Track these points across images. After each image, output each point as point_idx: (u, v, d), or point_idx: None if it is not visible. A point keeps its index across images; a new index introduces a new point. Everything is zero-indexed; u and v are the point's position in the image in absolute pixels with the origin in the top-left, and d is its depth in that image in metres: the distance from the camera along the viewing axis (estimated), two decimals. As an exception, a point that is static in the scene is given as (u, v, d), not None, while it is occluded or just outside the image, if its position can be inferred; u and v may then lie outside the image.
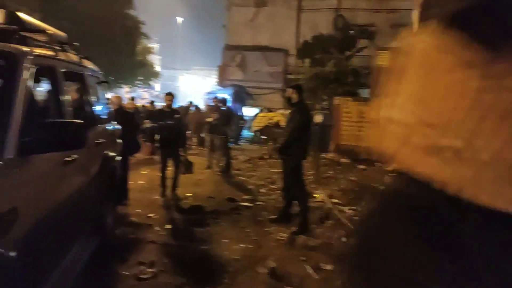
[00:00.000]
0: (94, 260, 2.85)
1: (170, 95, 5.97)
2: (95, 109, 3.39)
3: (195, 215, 4.88)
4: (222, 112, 7.88)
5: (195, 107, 12.84)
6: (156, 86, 67.35)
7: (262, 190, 6.53)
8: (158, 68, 61.31)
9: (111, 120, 5.40)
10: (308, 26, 19.39)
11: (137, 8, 22.48)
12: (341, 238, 4.37)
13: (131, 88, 32.56)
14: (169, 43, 71.07)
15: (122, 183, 5.20)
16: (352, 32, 14.08)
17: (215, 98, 8.30)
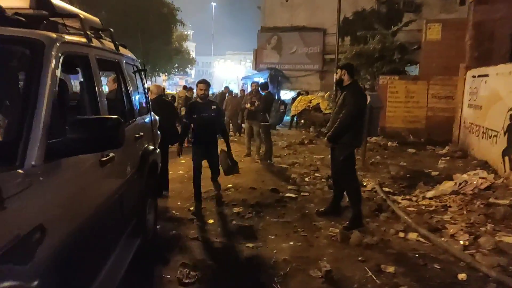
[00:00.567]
0: (135, 262, 2.66)
1: (203, 83, 4.61)
2: (133, 100, 3.16)
3: (237, 208, 4.64)
4: (262, 98, 7.53)
5: (229, 92, 12.49)
6: (192, 73, 68.40)
7: (306, 179, 6.16)
8: (192, 54, 62.04)
9: (150, 110, 5.26)
10: (348, 2, 18.32)
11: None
12: (399, 233, 3.95)
13: (168, 76, 32.99)
14: (204, 29, 71.33)
15: (162, 175, 5.07)
16: (397, 5, 13.04)
17: (254, 83, 7.94)
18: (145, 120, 3.48)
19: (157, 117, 4.05)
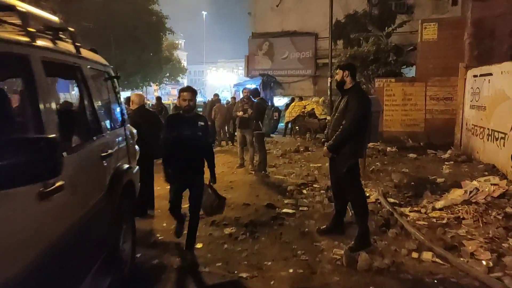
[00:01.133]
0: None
1: (188, 92, 3.49)
2: (100, 112, 2.69)
3: (229, 229, 4.15)
4: (254, 105, 7.09)
5: (218, 100, 11.90)
6: (184, 82, 68.07)
7: (304, 191, 5.70)
8: (184, 63, 61.81)
9: (130, 122, 4.77)
10: (339, 5, 18.08)
11: (161, 4, 22.01)
12: (412, 253, 3.50)
13: (159, 86, 32.51)
14: (195, 38, 71.26)
15: (146, 192, 4.59)
16: (389, 6, 12.76)
17: (245, 89, 7.50)
18: (117, 134, 3.01)
19: (134, 130, 3.58)
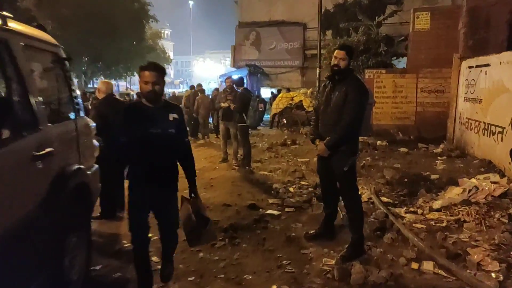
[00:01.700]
0: None
1: (150, 71, 2.34)
2: (37, 101, 2.17)
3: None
4: (238, 95, 6.59)
5: (201, 91, 11.27)
6: (171, 73, 66.85)
7: (291, 189, 5.26)
8: (171, 54, 60.61)
9: (95, 113, 4.23)
10: (328, -6, 17.60)
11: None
12: (411, 263, 3.10)
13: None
14: (182, 28, 69.79)
15: (113, 192, 4.09)
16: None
17: (228, 78, 6.98)
18: (64, 129, 2.48)
19: (91, 123, 3.05)
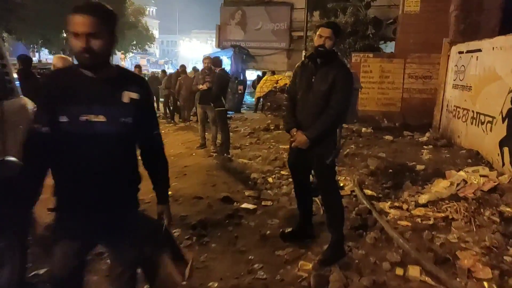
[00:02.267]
0: None
1: (82, 14, 1.38)
2: None
3: (172, 231, 3.30)
4: (215, 76, 6.13)
5: (185, 72, 10.76)
6: (156, 53, 64.98)
7: (270, 179, 4.91)
8: (156, 33, 58.50)
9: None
10: (316, -27, 16.92)
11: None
12: (395, 269, 2.81)
13: (125, 55, 30.42)
14: (168, 6, 67.48)
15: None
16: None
17: (206, 58, 6.49)
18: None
19: (28, 105, 2.58)
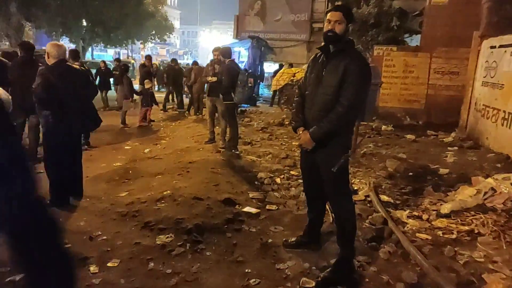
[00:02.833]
0: None
1: None
2: None
3: (164, 236, 3.03)
4: (225, 68, 5.81)
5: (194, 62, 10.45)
6: (176, 43, 65.11)
7: (278, 180, 4.58)
8: (177, 23, 58.42)
9: (40, 82, 3.53)
10: (339, -39, 16.24)
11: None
12: (412, 290, 2.45)
13: (144, 45, 30.46)
14: (190, -5, 67.31)
15: (65, 176, 3.46)
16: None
17: (216, 49, 6.16)
18: None
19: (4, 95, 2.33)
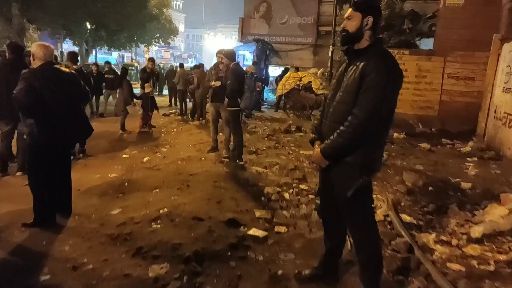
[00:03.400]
0: None
1: None
2: None
3: (158, 266, 2.64)
4: (230, 71, 5.43)
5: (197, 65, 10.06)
6: (181, 46, 65.09)
7: (286, 195, 4.17)
8: (182, 26, 58.37)
9: (23, 86, 3.18)
10: (347, -37, 15.82)
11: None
12: None
13: (148, 48, 30.24)
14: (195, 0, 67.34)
15: (51, 193, 3.09)
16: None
17: (220, 52, 5.79)
18: None
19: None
